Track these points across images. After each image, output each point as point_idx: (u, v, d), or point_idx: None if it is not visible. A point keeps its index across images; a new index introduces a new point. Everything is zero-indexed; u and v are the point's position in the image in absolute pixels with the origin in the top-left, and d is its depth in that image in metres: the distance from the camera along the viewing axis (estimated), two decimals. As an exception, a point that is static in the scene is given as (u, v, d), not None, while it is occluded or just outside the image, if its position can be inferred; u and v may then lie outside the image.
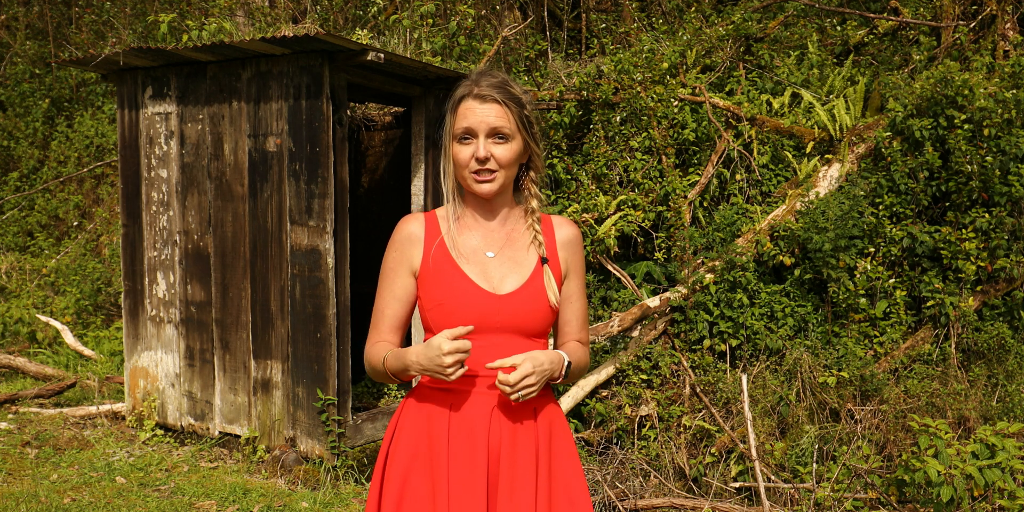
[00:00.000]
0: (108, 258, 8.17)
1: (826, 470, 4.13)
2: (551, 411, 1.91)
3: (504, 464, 1.81)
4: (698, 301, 4.77)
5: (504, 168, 1.81)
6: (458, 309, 1.80)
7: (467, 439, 1.81)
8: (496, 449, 1.81)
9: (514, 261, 1.87)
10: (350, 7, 8.11)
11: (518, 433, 1.83)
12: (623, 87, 5.51)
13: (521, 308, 1.81)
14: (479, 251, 1.87)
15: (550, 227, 1.94)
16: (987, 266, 4.71)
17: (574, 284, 1.94)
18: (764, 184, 5.32)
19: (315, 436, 4.51)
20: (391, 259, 1.90)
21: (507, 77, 1.87)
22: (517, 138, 1.83)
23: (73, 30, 10.17)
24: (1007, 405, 4.53)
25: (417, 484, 1.84)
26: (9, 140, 9.62)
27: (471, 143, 1.81)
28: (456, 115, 1.83)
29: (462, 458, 1.80)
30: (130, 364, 5.28)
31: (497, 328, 1.81)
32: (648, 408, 4.70)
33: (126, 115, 5.18)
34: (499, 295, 1.82)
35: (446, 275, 1.83)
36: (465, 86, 1.84)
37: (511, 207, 1.92)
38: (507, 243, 1.89)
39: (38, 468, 4.55)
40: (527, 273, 1.85)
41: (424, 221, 1.91)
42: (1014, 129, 4.72)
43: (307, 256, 4.50)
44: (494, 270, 1.85)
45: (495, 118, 1.79)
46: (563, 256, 1.92)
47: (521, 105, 1.83)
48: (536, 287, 1.83)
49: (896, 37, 6.30)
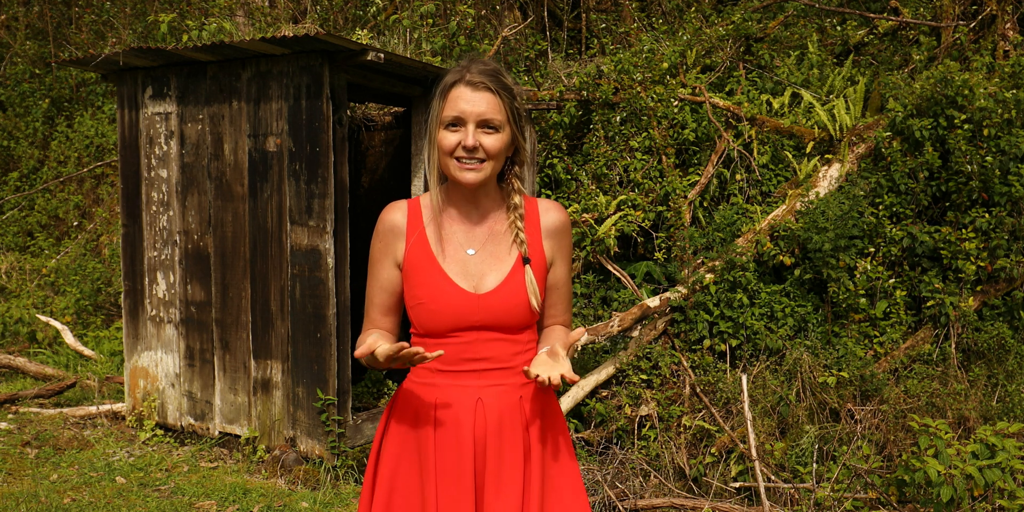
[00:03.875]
0: (108, 258, 8.17)
1: (826, 470, 4.13)
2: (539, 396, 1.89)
3: (491, 454, 1.81)
4: (698, 301, 4.77)
5: (492, 159, 1.78)
6: (438, 309, 1.80)
7: (453, 432, 1.81)
8: (482, 440, 1.81)
9: (495, 258, 1.84)
10: (350, 7, 8.11)
11: (504, 422, 1.82)
12: (623, 87, 5.51)
13: (500, 307, 1.80)
14: (460, 248, 1.85)
15: (535, 213, 1.90)
16: (987, 266, 4.71)
17: (560, 270, 1.92)
18: (764, 184, 5.32)
19: (315, 436, 4.51)
20: (376, 250, 1.90)
21: (499, 65, 1.84)
22: (507, 129, 1.79)
23: (73, 30, 10.17)
24: (1007, 405, 4.53)
25: (406, 477, 1.85)
26: (9, 140, 9.62)
27: (459, 131, 1.77)
28: (445, 101, 1.78)
29: (448, 450, 1.81)
30: (130, 364, 5.28)
31: (477, 326, 1.81)
32: (648, 408, 4.70)
33: (126, 115, 5.18)
34: (478, 295, 1.80)
35: (426, 273, 1.82)
36: (455, 72, 1.80)
37: (494, 200, 1.89)
38: (489, 239, 1.86)
39: (38, 468, 4.55)
40: (507, 270, 1.83)
41: (407, 210, 1.88)
42: (1014, 129, 4.72)
43: (307, 256, 4.50)
44: (474, 268, 1.83)
45: (487, 107, 1.75)
46: (548, 245, 1.89)
47: (512, 96, 1.80)
48: (516, 286, 1.81)
49: (896, 37, 6.30)
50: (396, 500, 1.85)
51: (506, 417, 1.83)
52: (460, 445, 1.80)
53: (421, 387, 1.87)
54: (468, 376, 1.83)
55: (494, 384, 1.83)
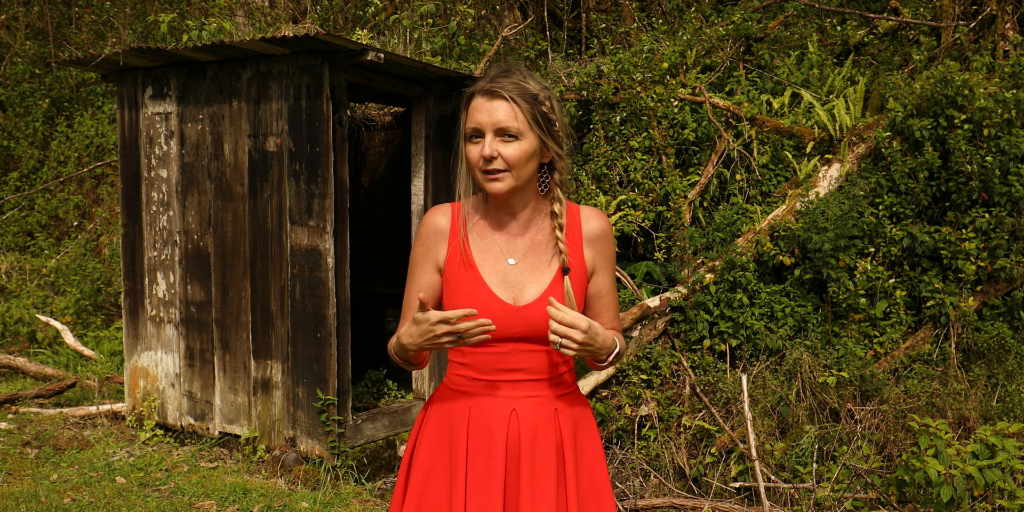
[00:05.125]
0: (108, 258, 8.17)
1: (826, 470, 4.13)
2: (573, 406, 1.88)
3: (524, 466, 1.79)
4: (698, 301, 4.77)
5: (514, 168, 1.74)
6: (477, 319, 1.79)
7: (485, 442, 1.80)
8: (515, 451, 1.80)
9: (536, 269, 1.82)
10: (350, 7, 8.11)
11: (538, 434, 1.81)
12: (623, 87, 5.51)
13: (540, 319, 1.77)
14: (501, 257, 1.83)
15: (577, 221, 1.87)
16: (987, 266, 4.71)
17: (604, 279, 1.89)
18: (764, 184, 5.32)
19: (315, 436, 4.51)
20: (417, 253, 1.88)
21: (525, 73, 1.80)
22: (529, 136, 1.75)
23: (73, 30, 10.17)
24: (1007, 405, 4.53)
25: (437, 486, 1.84)
26: (9, 140, 9.62)
27: (480, 142, 1.76)
28: (467, 113, 1.78)
29: (480, 460, 1.80)
30: (130, 364, 5.28)
31: (515, 337, 1.79)
32: (648, 408, 4.70)
33: (126, 115, 5.18)
34: (517, 306, 1.78)
35: (466, 282, 1.81)
36: (478, 83, 1.79)
37: (535, 209, 1.86)
38: (530, 249, 1.84)
39: (38, 468, 4.55)
40: (547, 282, 1.81)
41: (451, 214, 1.87)
42: (1014, 129, 4.72)
43: (307, 256, 4.50)
44: (514, 278, 1.81)
45: (502, 116, 1.73)
46: (590, 254, 1.87)
47: (536, 102, 1.76)
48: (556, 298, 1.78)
49: (896, 37, 6.30)
50: (426, 506, 1.84)
51: (540, 429, 1.81)
52: (492, 456, 1.79)
53: (456, 394, 1.86)
54: (504, 386, 1.81)
55: (529, 395, 1.82)
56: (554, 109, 1.80)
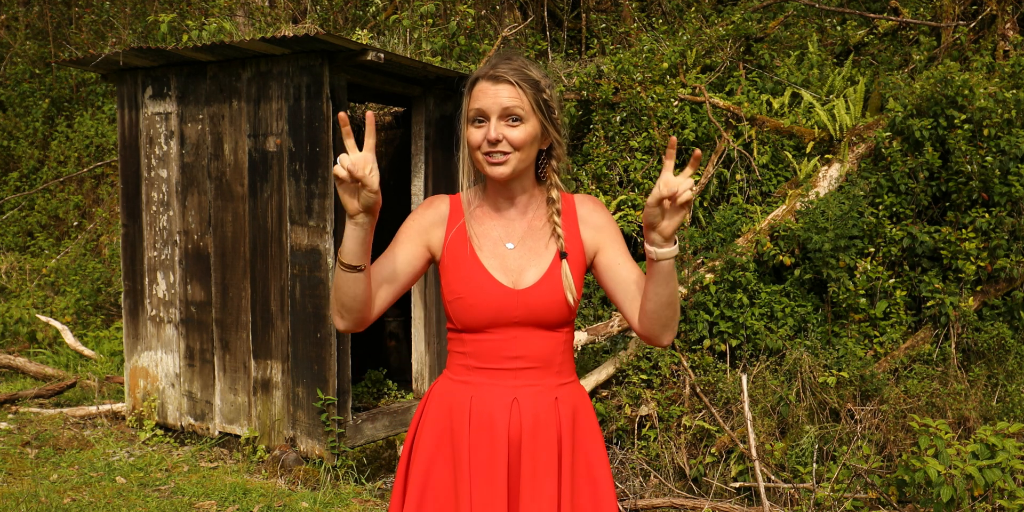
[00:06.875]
0: (108, 258, 8.17)
1: (826, 470, 4.13)
2: (573, 396, 1.89)
3: (525, 455, 1.80)
4: (698, 301, 4.77)
5: (517, 151, 1.76)
6: (476, 304, 1.79)
7: (487, 431, 1.81)
8: (516, 440, 1.81)
9: (534, 253, 1.84)
10: (350, 7, 8.11)
11: (539, 423, 1.82)
12: (623, 87, 5.51)
13: (540, 302, 1.79)
14: (499, 242, 1.84)
15: (572, 208, 1.89)
16: (987, 266, 4.71)
17: (614, 251, 1.86)
18: (764, 184, 5.32)
19: (315, 436, 4.51)
20: (408, 227, 1.86)
21: (526, 60, 1.83)
22: (532, 120, 1.78)
23: (73, 30, 10.17)
24: (1007, 405, 4.53)
25: (440, 476, 1.84)
26: (9, 140, 9.62)
27: (484, 125, 1.77)
28: (470, 97, 1.79)
29: (482, 450, 1.80)
30: (130, 364, 5.28)
31: (516, 322, 1.80)
32: (648, 408, 4.70)
33: (126, 115, 5.18)
34: (517, 290, 1.80)
35: (465, 268, 1.81)
36: (481, 69, 1.81)
37: (532, 195, 1.88)
38: (528, 233, 1.86)
39: (38, 468, 4.55)
40: (546, 266, 1.82)
41: (450, 203, 1.89)
42: (1014, 129, 4.72)
43: (307, 256, 4.50)
44: (513, 263, 1.83)
45: (507, 98, 1.75)
46: (588, 236, 1.87)
47: (538, 88, 1.79)
48: (556, 281, 1.80)
49: (896, 37, 6.30)
50: (428, 499, 1.84)
51: (541, 418, 1.82)
52: (494, 445, 1.80)
53: (456, 384, 1.86)
54: (504, 374, 1.82)
55: (530, 384, 1.82)
56: (553, 97, 1.83)
